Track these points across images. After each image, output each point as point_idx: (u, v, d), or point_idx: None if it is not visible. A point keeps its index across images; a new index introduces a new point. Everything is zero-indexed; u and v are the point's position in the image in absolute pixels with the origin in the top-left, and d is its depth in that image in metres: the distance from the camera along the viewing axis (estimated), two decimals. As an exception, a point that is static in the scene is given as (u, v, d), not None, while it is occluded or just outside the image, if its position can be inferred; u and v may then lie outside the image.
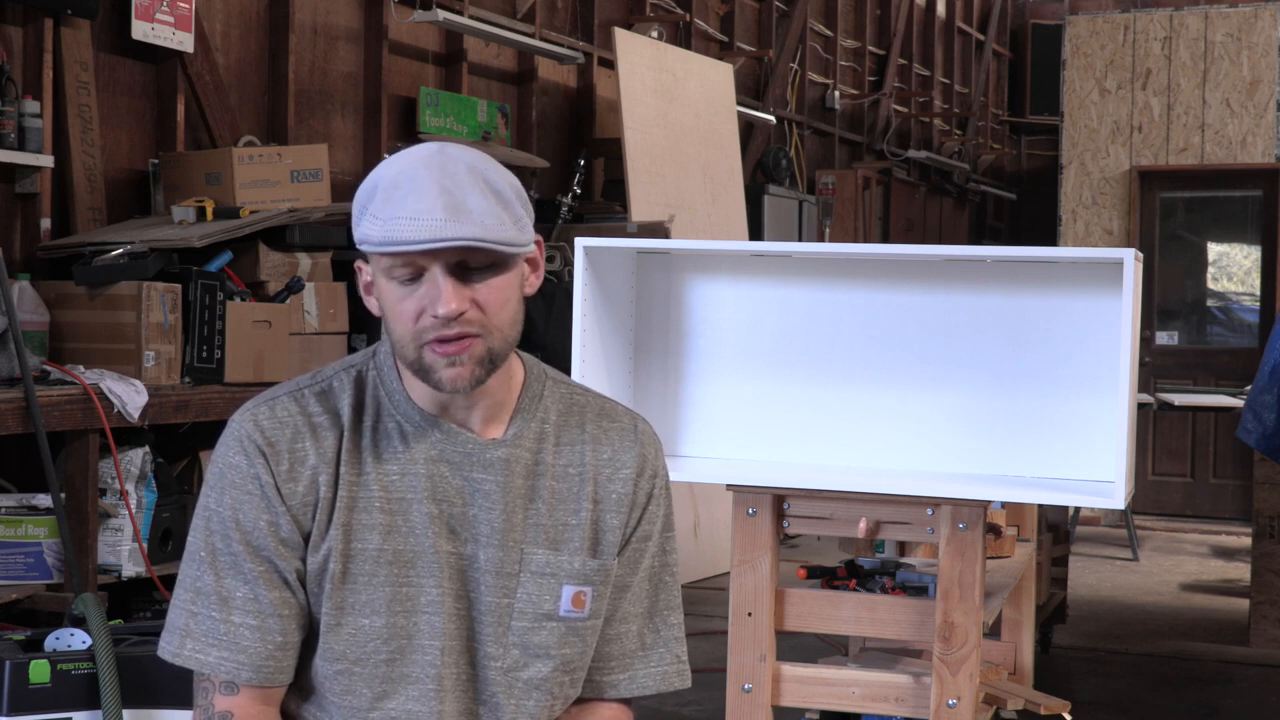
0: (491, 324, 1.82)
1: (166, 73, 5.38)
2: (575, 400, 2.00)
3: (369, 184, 1.83)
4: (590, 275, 3.43)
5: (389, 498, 1.88)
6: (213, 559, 1.87)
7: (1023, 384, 3.39)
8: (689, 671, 2.05)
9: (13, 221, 4.80)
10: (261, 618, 1.85)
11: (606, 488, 1.96)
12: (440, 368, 1.82)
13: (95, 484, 4.24)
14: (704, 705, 4.87)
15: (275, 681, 1.87)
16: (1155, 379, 9.94)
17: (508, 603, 1.90)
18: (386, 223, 1.77)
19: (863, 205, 10.21)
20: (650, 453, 2.01)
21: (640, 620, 2.00)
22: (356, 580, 1.87)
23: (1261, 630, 5.91)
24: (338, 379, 1.93)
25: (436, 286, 1.79)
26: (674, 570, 2.04)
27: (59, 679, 2.37)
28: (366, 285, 1.89)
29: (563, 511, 1.94)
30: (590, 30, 7.86)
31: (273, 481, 1.86)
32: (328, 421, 1.89)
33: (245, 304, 4.79)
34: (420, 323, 1.81)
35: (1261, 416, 5.18)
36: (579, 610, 1.93)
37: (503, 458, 1.90)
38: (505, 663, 1.91)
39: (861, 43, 11.01)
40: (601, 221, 7.01)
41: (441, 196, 1.77)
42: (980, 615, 3.17)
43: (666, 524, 2.03)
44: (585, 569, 1.93)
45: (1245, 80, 10.15)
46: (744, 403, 3.58)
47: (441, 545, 1.88)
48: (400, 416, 1.90)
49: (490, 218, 1.78)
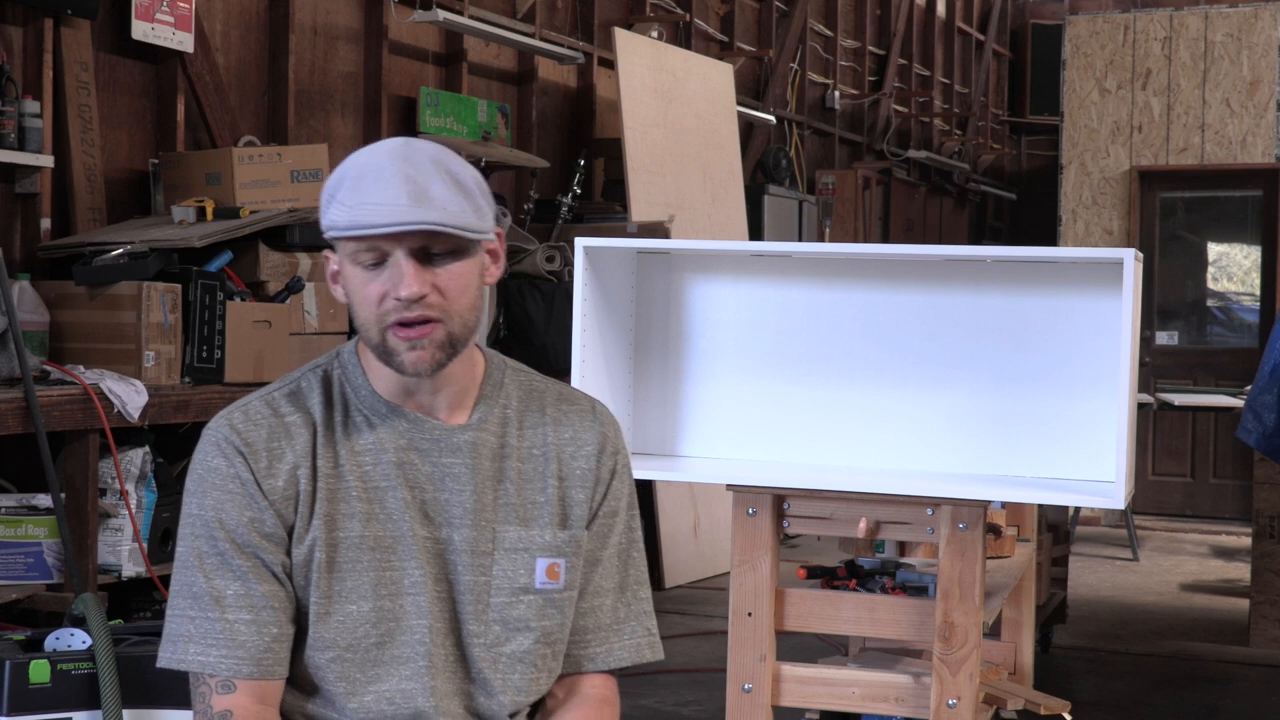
0: (452, 309, 1.89)
1: (166, 73, 5.38)
2: (535, 386, 2.08)
3: (337, 174, 1.90)
4: (590, 275, 3.43)
5: (365, 486, 1.95)
6: (201, 562, 1.92)
7: (1023, 384, 3.39)
8: (660, 643, 2.13)
9: (13, 221, 4.81)
10: (255, 611, 1.90)
11: (570, 465, 2.04)
12: (402, 351, 1.89)
13: (95, 484, 4.24)
14: (704, 705, 4.87)
15: (274, 675, 1.91)
16: (1155, 379, 9.94)
17: (485, 580, 1.97)
18: (353, 209, 1.85)
19: (863, 205, 10.21)
20: (610, 431, 2.09)
21: (613, 595, 2.08)
22: (341, 568, 1.93)
23: (1261, 630, 5.91)
24: (305, 380, 2.00)
25: (400, 270, 1.86)
26: (640, 547, 2.13)
27: (59, 679, 2.37)
28: (334, 274, 1.96)
29: (530, 490, 2.01)
30: (590, 30, 7.86)
31: (253, 478, 1.92)
32: (300, 420, 1.96)
33: (245, 304, 4.79)
34: (384, 306, 1.88)
35: (1261, 416, 5.18)
36: (554, 581, 2.00)
37: (469, 441, 1.98)
38: (488, 639, 1.97)
39: (861, 43, 11.01)
40: (601, 221, 7.01)
41: (406, 184, 1.85)
42: (980, 615, 3.17)
43: (631, 501, 2.12)
44: (556, 541, 2.00)
45: (1245, 80, 10.15)
46: (744, 403, 3.58)
47: (418, 530, 1.95)
48: (367, 410, 1.98)
49: (452, 205, 1.86)
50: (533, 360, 4.89)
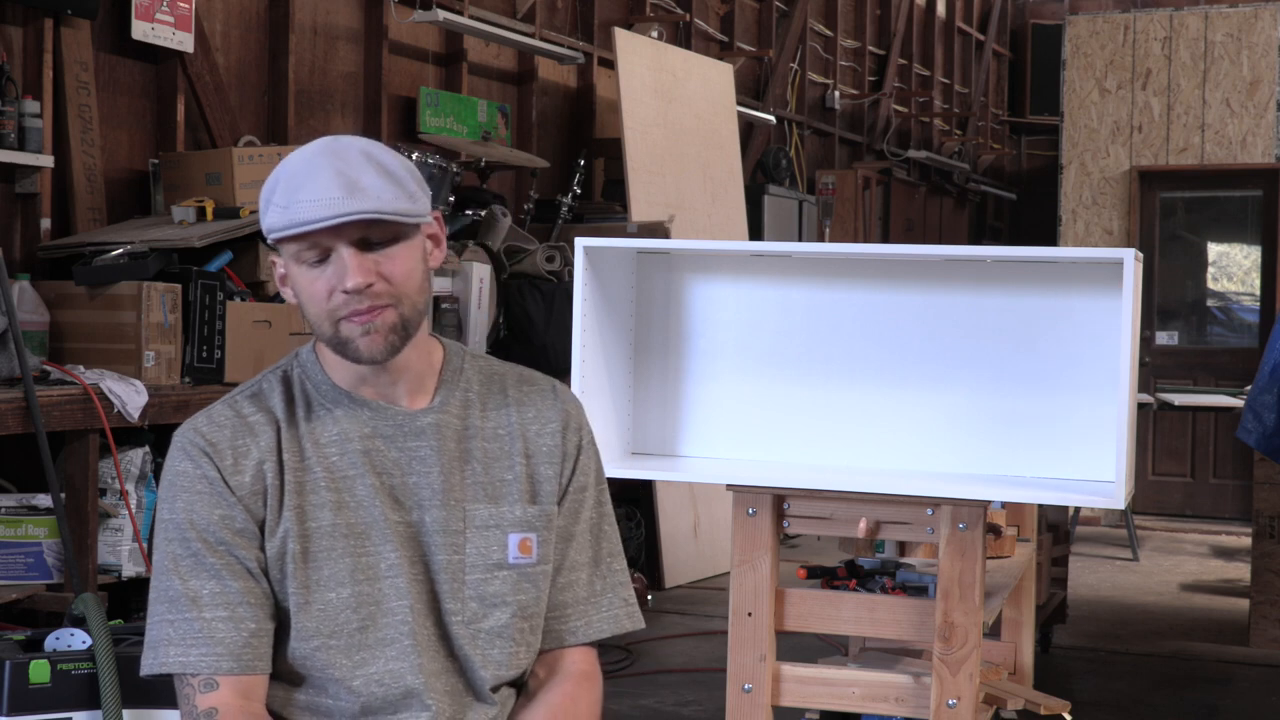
0: (400, 292, 1.93)
1: (166, 73, 5.38)
2: (495, 370, 2.12)
3: (271, 179, 1.95)
4: (590, 275, 3.43)
5: (333, 476, 1.98)
6: (175, 565, 1.94)
7: (1023, 384, 3.38)
8: (639, 613, 2.17)
9: (13, 221, 4.81)
10: (231, 608, 1.92)
11: (536, 442, 2.07)
12: (356, 337, 1.92)
13: (95, 484, 4.24)
14: (704, 705, 4.87)
15: (255, 670, 1.93)
16: (1155, 379, 9.94)
17: (459, 559, 2.00)
18: (288, 209, 1.90)
19: (863, 205, 10.21)
20: (572, 409, 2.13)
21: (588, 568, 2.11)
22: (317, 557, 1.96)
23: (1261, 630, 5.91)
24: (266, 381, 2.04)
25: (343, 262, 1.90)
26: (612, 519, 2.17)
27: (59, 679, 2.37)
28: (281, 277, 2.00)
29: (498, 468, 2.04)
30: (590, 30, 7.86)
31: (219, 477, 1.95)
32: (263, 419, 1.99)
33: (245, 304, 4.79)
34: (332, 301, 1.92)
35: (1261, 416, 5.18)
36: (527, 556, 2.03)
37: (433, 424, 2.01)
38: (465, 615, 1.99)
39: (861, 43, 11.01)
40: (601, 221, 7.01)
41: (338, 178, 1.89)
42: (980, 615, 3.17)
43: (599, 477, 2.15)
44: (526, 515, 2.04)
45: (1245, 80, 10.15)
46: (744, 403, 3.58)
47: (390, 515, 1.97)
48: (329, 402, 2.01)
49: (385, 193, 1.90)
50: (533, 360, 4.89)
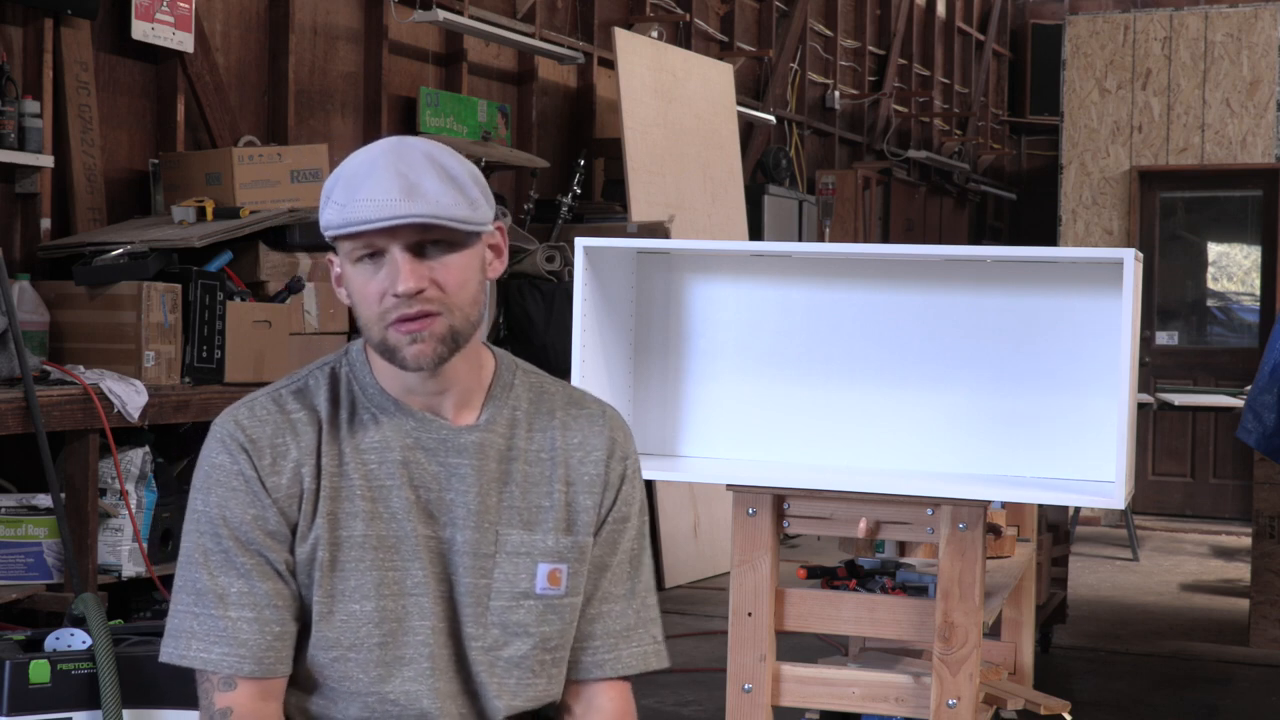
0: (452, 302, 1.89)
1: (166, 73, 5.38)
2: (546, 389, 2.07)
3: (333, 176, 1.91)
4: (590, 275, 3.43)
5: (369, 485, 1.94)
6: (205, 559, 1.91)
7: (1023, 384, 3.39)
8: (665, 652, 2.13)
9: (13, 221, 4.80)
10: (258, 609, 1.90)
11: (578, 470, 2.02)
12: (404, 345, 1.88)
13: (95, 484, 4.24)
14: (704, 705, 4.87)
15: (275, 673, 1.91)
16: (1155, 379, 9.94)
17: (485, 583, 1.96)
18: (345, 207, 1.86)
19: (863, 205, 10.21)
20: (619, 436, 2.07)
21: (623, 601, 2.06)
22: (345, 567, 1.92)
23: (1261, 630, 5.90)
24: (313, 377, 2.00)
25: (396, 266, 1.86)
26: (648, 553, 2.12)
27: (59, 679, 2.37)
28: (337, 277, 1.96)
29: (535, 494, 2.00)
30: (590, 30, 7.86)
31: (256, 475, 1.91)
32: (306, 417, 1.95)
33: (245, 304, 4.79)
34: (384, 304, 1.88)
35: (1261, 416, 5.18)
36: (555, 587, 1.99)
37: (476, 442, 1.96)
38: (486, 642, 1.96)
39: (861, 43, 11.01)
40: (601, 221, 7.00)
41: (397, 180, 1.85)
42: (980, 615, 3.17)
43: (642, 508, 2.10)
44: (559, 546, 1.99)
45: (1245, 80, 10.15)
46: (744, 403, 3.58)
47: (420, 530, 1.94)
48: (375, 407, 1.97)
49: (444, 197, 1.86)
50: (532, 360, 4.89)
